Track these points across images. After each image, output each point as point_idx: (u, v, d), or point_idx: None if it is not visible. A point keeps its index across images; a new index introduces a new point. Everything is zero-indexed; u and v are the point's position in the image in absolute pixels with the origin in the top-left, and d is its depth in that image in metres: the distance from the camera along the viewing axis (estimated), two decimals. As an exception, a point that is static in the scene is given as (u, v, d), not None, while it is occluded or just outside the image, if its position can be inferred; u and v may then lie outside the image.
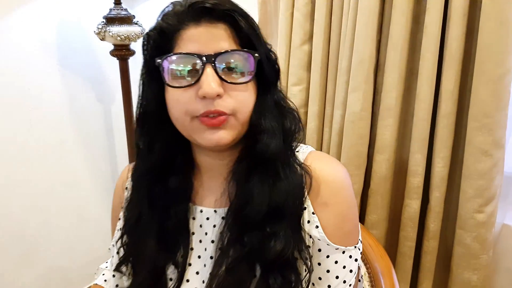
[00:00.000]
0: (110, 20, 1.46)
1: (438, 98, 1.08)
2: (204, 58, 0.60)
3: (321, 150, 1.31)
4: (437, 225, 1.15)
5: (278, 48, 1.31)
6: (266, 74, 0.65)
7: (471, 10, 1.04)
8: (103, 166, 1.81)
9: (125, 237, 0.73)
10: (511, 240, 1.24)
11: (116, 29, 1.45)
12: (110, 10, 1.48)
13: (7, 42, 1.41)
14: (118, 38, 1.45)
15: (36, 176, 1.58)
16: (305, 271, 0.66)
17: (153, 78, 0.65)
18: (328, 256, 0.67)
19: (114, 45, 1.50)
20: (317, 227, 0.67)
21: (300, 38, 1.25)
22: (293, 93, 1.29)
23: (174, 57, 0.61)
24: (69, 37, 1.59)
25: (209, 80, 0.59)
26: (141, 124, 0.69)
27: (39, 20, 1.49)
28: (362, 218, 1.25)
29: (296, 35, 1.25)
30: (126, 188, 0.78)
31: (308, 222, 0.67)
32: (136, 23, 1.50)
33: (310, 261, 0.66)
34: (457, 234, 1.14)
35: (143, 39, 0.66)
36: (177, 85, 0.62)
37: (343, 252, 0.67)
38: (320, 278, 0.68)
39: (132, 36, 1.47)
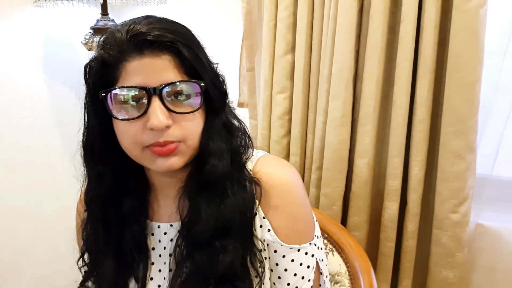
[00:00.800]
0: (98, 30, 1.48)
1: (414, 105, 1.14)
2: (150, 90, 0.60)
3: (304, 156, 1.36)
4: (415, 226, 1.21)
5: (263, 57, 1.35)
6: (213, 99, 0.67)
7: (443, 22, 1.10)
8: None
9: (86, 256, 0.76)
10: (486, 238, 1.30)
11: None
12: (97, 21, 1.50)
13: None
14: (106, 48, 1.48)
15: (24, 185, 1.59)
16: (257, 277, 0.68)
17: (98, 108, 0.66)
18: (284, 256, 0.70)
19: (101, 55, 1.53)
20: (269, 230, 0.69)
21: (283, 48, 1.29)
22: (278, 101, 1.33)
23: (118, 90, 0.62)
24: (55, 48, 1.61)
25: (157, 112, 0.60)
26: (89, 153, 0.71)
27: (26, 31, 1.51)
28: (344, 221, 1.30)
29: (279, 45, 1.29)
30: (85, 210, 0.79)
31: (261, 226, 0.70)
32: (123, 34, 1.53)
33: (263, 267, 0.69)
34: (434, 233, 1.20)
35: (84, 69, 0.66)
36: (124, 117, 0.63)
37: (298, 250, 0.70)
38: (279, 277, 0.71)
39: (119, 46, 1.50)
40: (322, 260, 0.75)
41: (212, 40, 0.74)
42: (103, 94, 0.63)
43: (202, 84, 0.64)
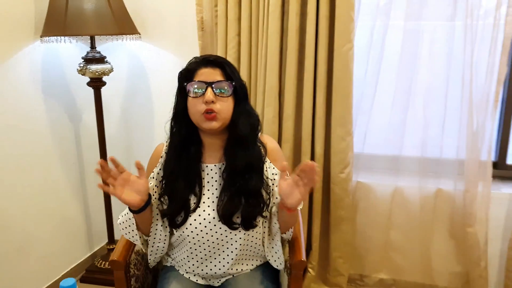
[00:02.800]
0: (89, 60, 1.98)
1: (315, 108, 1.86)
2: (207, 83, 1.15)
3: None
4: (320, 183, 1.93)
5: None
6: (239, 94, 1.21)
7: (329, 58, 1.83)
8: (75, 174, 2.27)
9: (164, 181, 1.27)
10: (363, 190, 2.06)
11: (94, 67, 1.97)
12: (88, 53, 2.00)
13: (7, 79, 1.84)
14: (96, 73, 1.98)
15: (26, 181, 1.98)
16: (267, 197, 1.24)
17: (182, 92, 1.21)
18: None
19: (91, 78, 2.02)
20: (274, 168, 1.28)
21: (231, 73, 1.94)
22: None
23: (193, 83, 1.17)
24: (50, 74, 2.05)
25: (209, 94, 1.14)
26: (175, 117, 1.25)
27: (32, 60, 1.94)
28: (276, 185, 1.98)
29: (228, 71, 1.94)
30: (162, 156, 1.31)
31: (268, 168, 1.28)
32: (107, 62, 2.04)
33: (271, 191, 1.25)
34: (331, 187, 1.93)
35: (179, 73, 1.23)
36: (193, 96, 1.17)
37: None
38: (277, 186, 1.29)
39: (106, 71, 2.01)
40: None
41: (177, 67, 1.23)
42: (185, 84, 1.19)
43: (233, 83, 1.18)
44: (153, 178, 1.30)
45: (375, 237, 2.09)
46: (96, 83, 2.04)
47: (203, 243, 1.26)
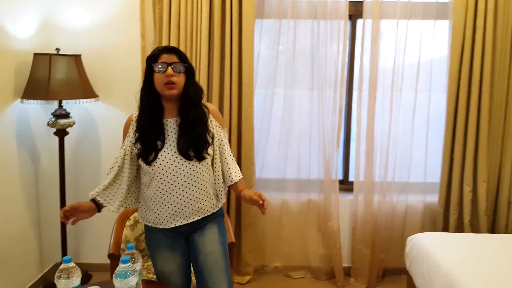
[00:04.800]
0: (57, 116, 2.59)
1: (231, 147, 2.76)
2: (168, 64, 1.64)
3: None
4: (234, 199, 2.81)
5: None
6: (189, 72, 1.72)
7: (239, 116, 2.76)
8: (32, 204, 2.75)
9: (137, 133, 1.71)
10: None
11: (62, 121, 2.58)
12: (56, 110, 2.60)
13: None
14: (64, 125, 2.59)
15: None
16: (210, 139, 1.75)
17: (149, 70, 1.69)
18: (220, 133, 1.80)
19: (58, 129, 2.60)
20: (213, 120, 1.80)
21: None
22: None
23: (158, 63, 1.65)
24: (21, 127, 2.58)
25: (169, 70, 1.64)
26: (144, 88, 1.71)
27: (9, 118, 2.45)
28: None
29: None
30: (133, 120, 1.77)
31: (211, 121, 1.79)
32: (71, 117, 2.65)
33: (212, 137, 1.75)
34: (241, 202, 2.81)
35: (148, 57, 1.69)
36: (159, 71, 1.65)
37: (222, 131, 1.82)
38: (218, 143, 1.80)
39: (71, 124, 2.62)
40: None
41: (121, 119, 1.85)
42: (152, 64, 1.67)
43: (186, 64, 1.69)
44: (130, 137, 1.76)
45: (271, 235, 3.03)
46: (62, 133, 2.64)
47: (169, 174, 1.70)
